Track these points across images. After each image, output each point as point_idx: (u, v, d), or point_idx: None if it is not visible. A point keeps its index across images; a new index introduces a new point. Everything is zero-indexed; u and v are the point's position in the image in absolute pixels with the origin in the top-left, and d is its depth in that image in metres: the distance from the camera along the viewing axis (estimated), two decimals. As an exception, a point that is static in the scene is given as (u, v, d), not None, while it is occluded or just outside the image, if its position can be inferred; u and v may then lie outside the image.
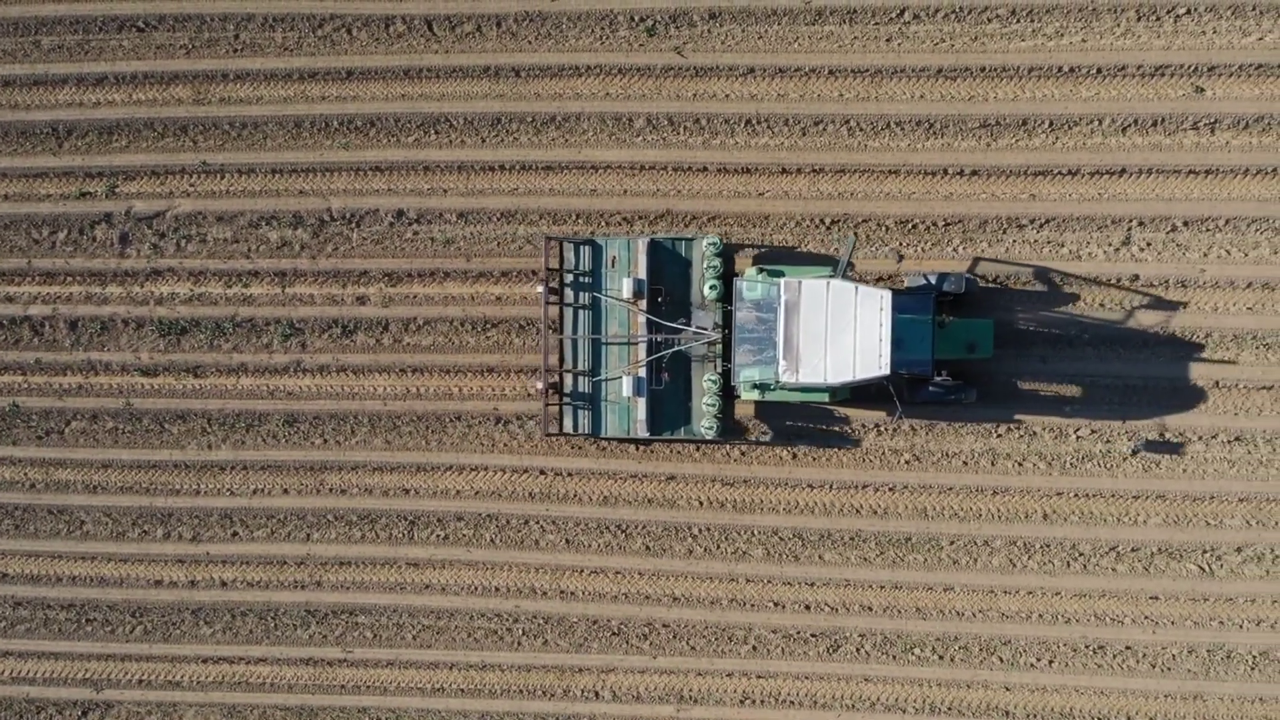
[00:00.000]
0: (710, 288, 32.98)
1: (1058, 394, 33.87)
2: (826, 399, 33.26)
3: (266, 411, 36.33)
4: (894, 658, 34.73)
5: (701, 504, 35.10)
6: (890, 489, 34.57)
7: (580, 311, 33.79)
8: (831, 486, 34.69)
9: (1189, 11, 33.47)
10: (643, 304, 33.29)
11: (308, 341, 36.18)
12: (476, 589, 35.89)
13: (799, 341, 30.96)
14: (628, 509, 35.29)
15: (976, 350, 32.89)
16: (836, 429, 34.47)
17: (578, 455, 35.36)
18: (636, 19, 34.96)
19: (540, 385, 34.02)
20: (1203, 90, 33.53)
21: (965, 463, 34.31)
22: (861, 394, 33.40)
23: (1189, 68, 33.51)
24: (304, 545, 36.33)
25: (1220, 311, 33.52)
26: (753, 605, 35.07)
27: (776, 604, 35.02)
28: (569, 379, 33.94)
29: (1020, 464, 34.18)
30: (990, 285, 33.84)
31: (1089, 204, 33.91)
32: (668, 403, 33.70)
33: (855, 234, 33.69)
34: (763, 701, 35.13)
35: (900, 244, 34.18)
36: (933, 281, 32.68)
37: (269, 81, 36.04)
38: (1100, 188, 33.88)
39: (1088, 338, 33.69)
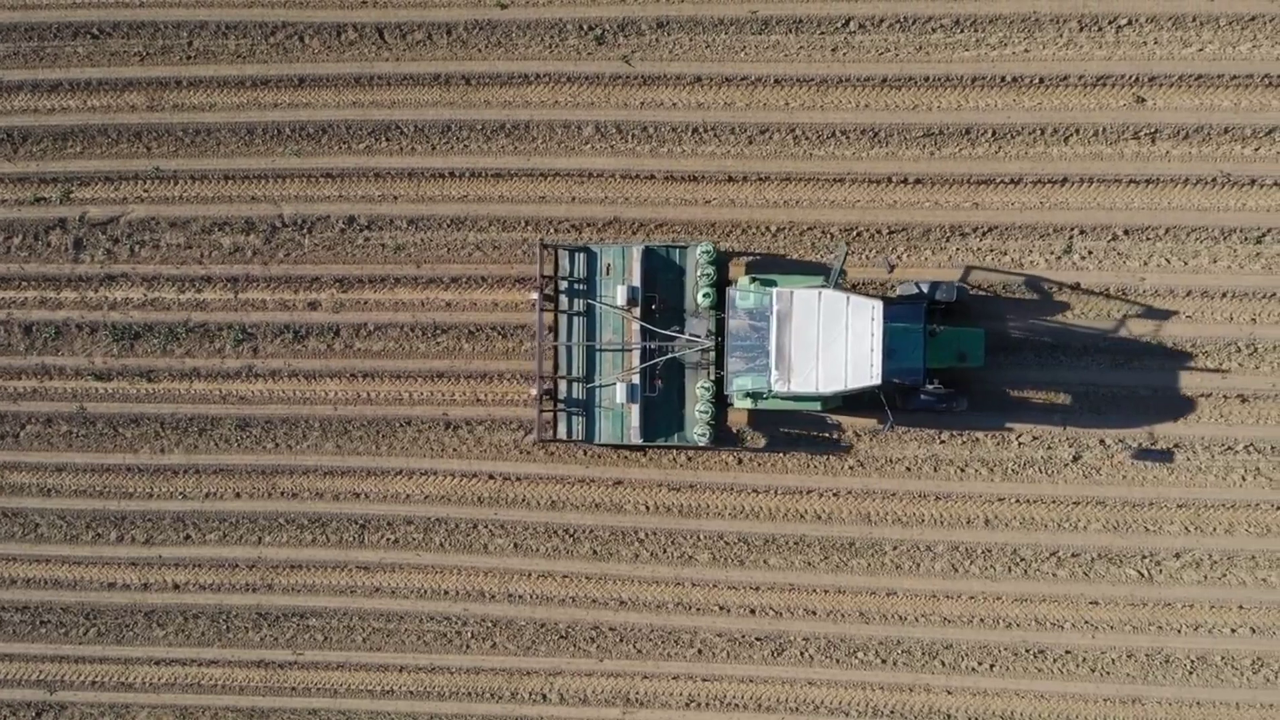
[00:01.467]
0: (704, 295, 33.17)
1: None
2: (819, 407, 33.39)
3: (219, 416, 36.64)
4: (837, 661, 35.07)
5: (648, 509, 35.43)
6: (834, 494, 34.90)
7: (575, 318, 33.97)
8: (776, 492, 35.02)
9: (1130, 22, 33.81)
10: (637, 311, 33.48)
11: (260, 346, 36.49)
12: (426, 592, 36.21)
13: (791, 351, 31.17)
14: (575, 513, 35.62)
15: (968, 359, 33.01)
16: (781, 434, 34.79)
17: (525, 460, 35.70)
18: (585, 28, 35.28)
19: (535, 391, 34.21)
20: (1144, 100, 33.87)
21: (908, 468, 34.64)
22: (854, 402, 33.54)
23: (1130, 78, 33.84)
24: (255, 548, 36.64)
25: (1162, 320, 33.86)
26: (698, 609, 35.41)
27: (722, 608, 35.36)
28: (563, 385, 34.06)
29: (962, 470, 34.51)
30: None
31: (1031, 212, 34.24)
32: (661, 410, 33.86)
33: (847, 244, 33.80)
34: (708, 704, 35.47)
35: (850, 250, 34.53)
36: (924, 290, 32.95)
37: (222, 88, 36.35)
38: (1042, 196, 34.22)
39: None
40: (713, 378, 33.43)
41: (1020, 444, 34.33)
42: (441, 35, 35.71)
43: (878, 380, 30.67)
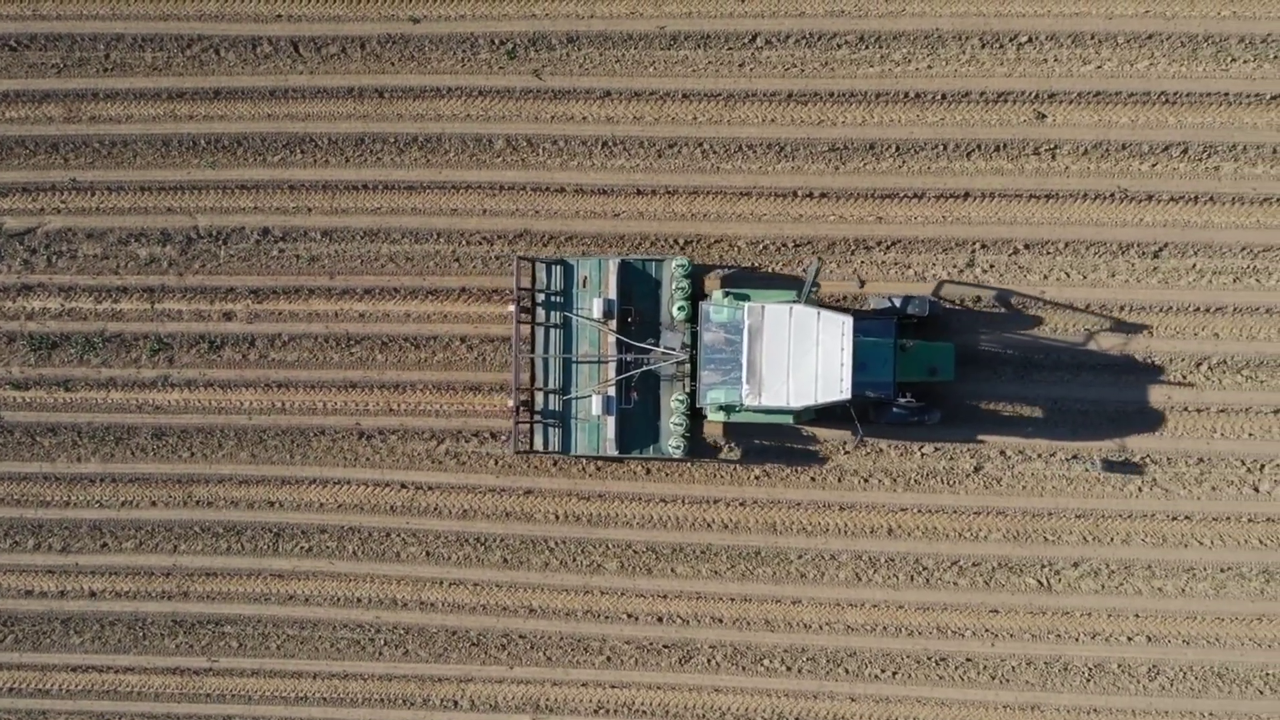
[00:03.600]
0: (679, 309, 33.40)
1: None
2: (791, 420, 33.70)
3: (135, 425, 36.95)
4: (743, 669, 35.53)
5: (558, 518, 35.85)
6: (740, 504, 35.36)
7: (551, 330, 34.19)
8: (683, 501, 35.47)
9: (1031, 40, 34.32)
10: (613, 324, 33.73)
11: (175, 356, 36.82)
12: (339, 600, 36.58)
13: (762, 365, 31.49)
14: (486, 522, 36.02)
15: (938, 373, 33.39)
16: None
17: (437, 470, 36.09)
18: (497, 42, 35.68)
19: (511, 403, 34.46)
20: (1044, 116, 34.39)
21: (813, 479, 35.11)
22: (827, 415, 33.89)
23: (1031, 94, 34.36)
24: (171, 556, 36.97)
25: (1060, 331, 34.39)
26: (607, 617, 35.84)
27: (630, 616, 35.80)
28: (539, 397, 34.28)
29: (866, 480, 35.00)
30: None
31: (934, 226, 34.74)
32: (637, 422, 34.08)
33: (820, 259, 34.08)
34: (616, 711, 35.90)
35: (755, 264, 35.00)
36: (896, 304, 33.32)
37: (138, 100, 36.66)
38: (945, 211, 34.72)
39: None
40: (687, 390, 33.66)
41: (923, 455, 34.83)
42: (355, 49, 36.08)
43: (847, 395, 30.97)
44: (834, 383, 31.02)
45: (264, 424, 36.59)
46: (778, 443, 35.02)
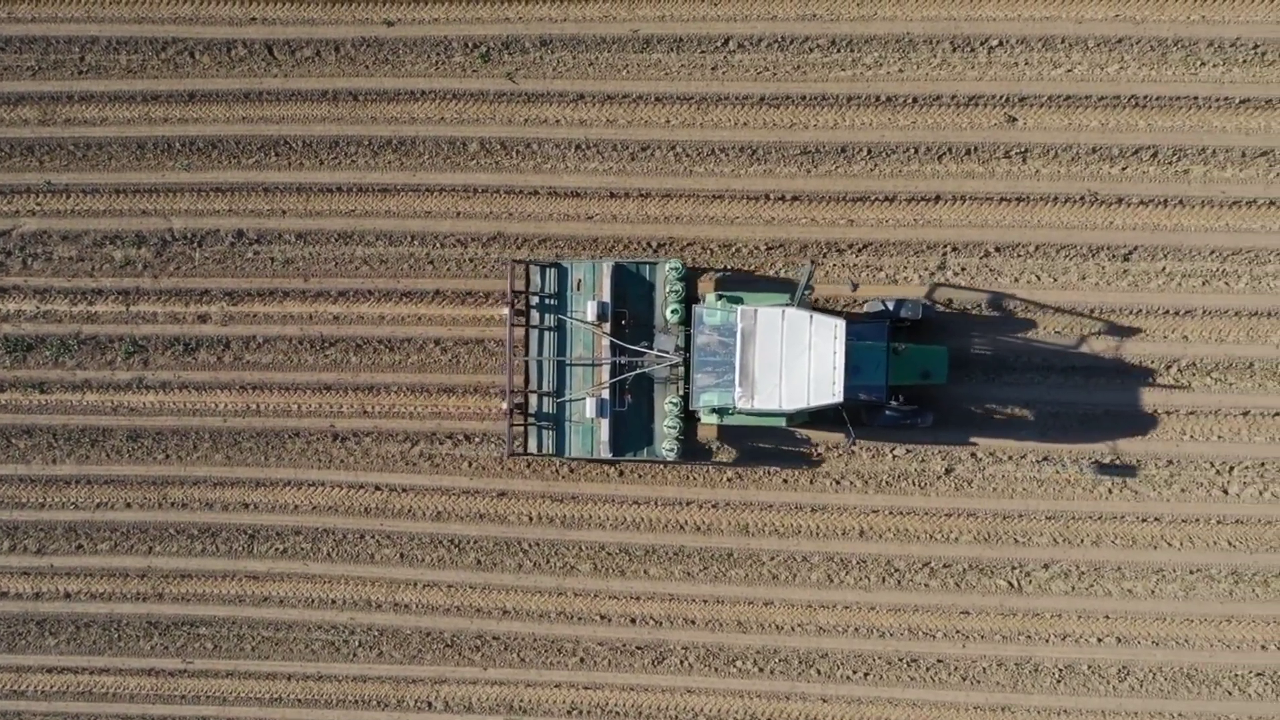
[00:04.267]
0: (672, 311, 33.51)
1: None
2: (784, 423, 33.74)
3: (110, 427, 37.02)
4: (716, 670, 35.66)
5: (531, 520, 35.96)
6: (713, 506, 35.49)
7: (545, 333, 34.35)
8: (656, 503, 35.59)
9: (1002, 44, 34.47)
10: (607, 326, 33.79)
11: (150, 359, 36.89)
12: (314, 601, 36.68)
13: (755, 368, 31.56)
14: (460, 524, 36.13)
15: (931, 376, 33.50)
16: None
17: (411, 472, 36.19)
18: (471, 45, 35.79)
19: (505, 406, 34.56)
20: (1015, 120, 34.54)
21: (785, 480, 35.24)
22: (820, 418, 34.01)
23: (1001, 98, 34.51)
24: (146, 558, 37.05)
25: (1042, 334, 34.54)
26: (580, 618, 35.96)
27: (603, 617, 35.92)
28: (534, 400, 34.31)
29: (838, 482, 35.14)
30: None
31: (905, 229, 34.88)
32: (631, 424, 34.16)
33: (813, 262, 34.18)
34: (590, 712, 36.02)
35: (727, 266, 35.13)
36: (889, 308, 33.46)
37: (113, 103, 36.73)
38: (916, 214, 34.86)
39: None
40: (681, 393, 33.76)
41: (895, 457, 34.98)
42: (330, 52, 36.17)
43: (839, 398, 31.05)
44: (826, 386, 31.12)
45: (239, 426, 36.69)
46: (753, 445, 35.14)
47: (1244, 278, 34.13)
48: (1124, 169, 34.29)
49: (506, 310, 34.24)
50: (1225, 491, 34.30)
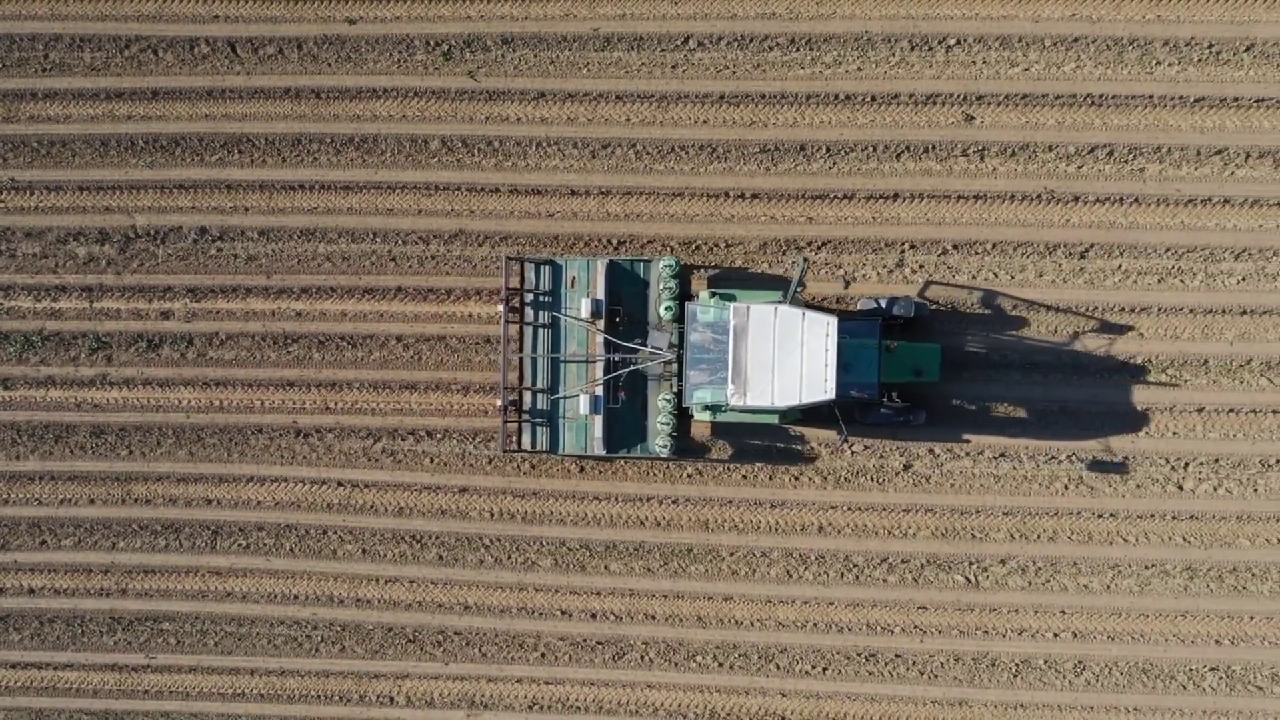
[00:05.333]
0: (666, 309, 33.57)
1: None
2: (777, 420, 33.79)
3: (74, 423, 37.15)
4: (676, 665, 35.86)
5: (492, 515, 36.14)
6: (673, 502, 35.68)
7: (539, 330, 34.29)
8: (617, 499, 35.77)
9: (959, 42, 34.67)
10: (601, 324, 33.87)
11: (114, 355, 37.02)
12: (276, 597, 36.83)
13: (747, 365, 31.67)
14: (421, 520, 36.30)
15: (923, 374, 33.60)
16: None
17: (373, 468, 36.36)
18: (433, 43, 35.94)
19: (500, 403, 34.63)
20: (972, 118, 34.75)
21: (744, 476, 35.44)
22: (813, 415, 34.10)
23: (959, 96, 34.72)
24: (109, 554, 37.18)
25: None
26: (541, 614, 36.15)
27: (564, 613, 36.10)
28: (527, 396, 34.39)
29: (797, 478, 35.34)
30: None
31: (864, 227, 35.07)
32: (624, 421, 34.26)
33: (806, 259, 34.19)
34: (551, 707, 36.22)
35: (690, 264, 35.33)
36: (882, 306, 33.58)
37: (77, 100, 36.85)
38: (875, 211, 35.06)
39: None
40: (674, 390, 33.84)
41: (853, 453, 35.19)
42: (292, 50, 36.30)
43: (831, 395, 31.16)
44: (818, 383, 31.25)
45: (202, 422, 36.83)
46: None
47: (1199, 275, 34.37)
48: (1080, 167, 34.52)
49: (501, 307, 34.33)
50: (1180, 488, 34.55)
